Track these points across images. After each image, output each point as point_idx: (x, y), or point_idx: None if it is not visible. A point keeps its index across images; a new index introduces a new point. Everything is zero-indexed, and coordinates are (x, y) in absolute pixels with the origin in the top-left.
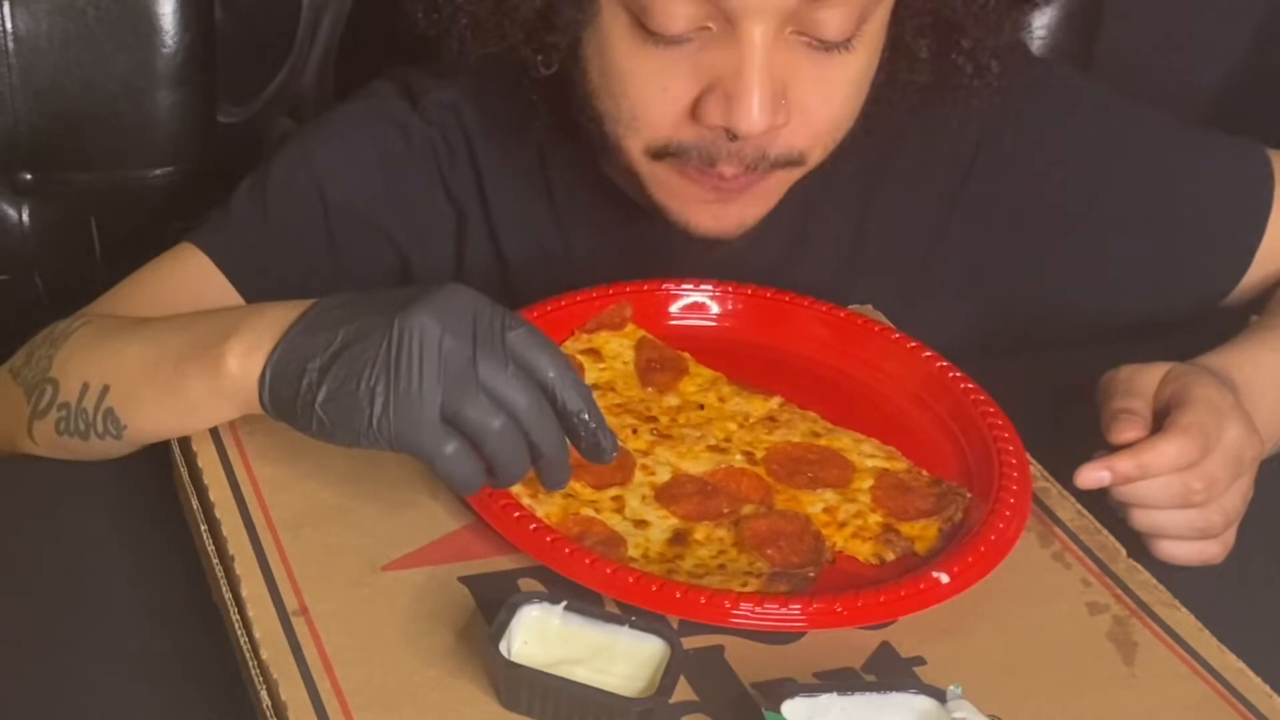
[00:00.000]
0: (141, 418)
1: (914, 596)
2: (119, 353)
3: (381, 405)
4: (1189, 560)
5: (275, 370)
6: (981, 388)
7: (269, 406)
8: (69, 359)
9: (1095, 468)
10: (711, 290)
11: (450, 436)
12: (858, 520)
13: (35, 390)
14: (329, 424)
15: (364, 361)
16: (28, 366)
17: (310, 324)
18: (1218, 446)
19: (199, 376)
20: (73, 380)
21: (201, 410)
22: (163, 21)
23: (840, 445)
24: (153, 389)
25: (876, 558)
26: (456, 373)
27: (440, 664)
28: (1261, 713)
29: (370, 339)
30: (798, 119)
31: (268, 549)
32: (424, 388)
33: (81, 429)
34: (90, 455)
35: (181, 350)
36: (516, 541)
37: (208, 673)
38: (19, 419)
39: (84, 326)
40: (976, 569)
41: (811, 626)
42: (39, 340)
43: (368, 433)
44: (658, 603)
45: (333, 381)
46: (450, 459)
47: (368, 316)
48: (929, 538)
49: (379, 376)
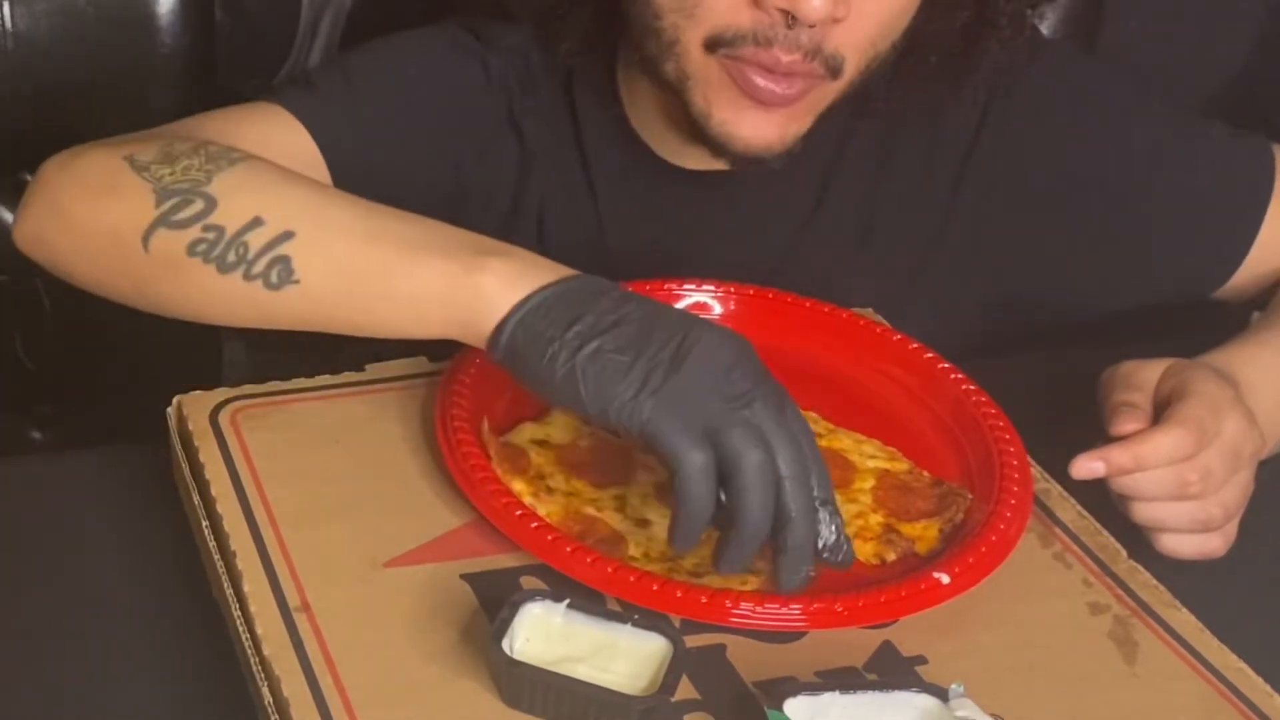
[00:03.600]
0: (328, 283)
1: (915, 597)
2: (314, 204)
3: (654, 388)
4: (1190, 554)
5: (541, 305)
6: (982, 389)
7: (505, 338)
8: (237, 184)
9: (1090, 458)
10: (714, 290)
11: (706, 449)
12: (859, 520)
13: (175, 197)
14: (582, 380)
15: (649, 338)
16: (165, 167)
17: (592, 285)
18: (1215, 440)
19: (438, 274)
20: (238, 207)
21: (408, 309)
22: (163, 21)
23: (841, 446)
24: (360, 261)
25: (877, 558)
26: (736, 397)
27: (442, 661)
28: (1263, 712)
29: (664, 324)
30: (854, 17)
31: (270, 545)
32: (701, 388)
33: (229, 260)
34: (213, 293)
35: (416, 240)
36: (519, 540)
37: (208, 669)
38: (135, 217)
39: (252, 160)
40: (977, 569)
41: (812, 626)
42: (182, 147)
43: (622, 406)
44: (659, 602)
45: (606, 342)
46: (698, 468)
47: (659, 310)
48: (930, 538)
49: (660, 360)
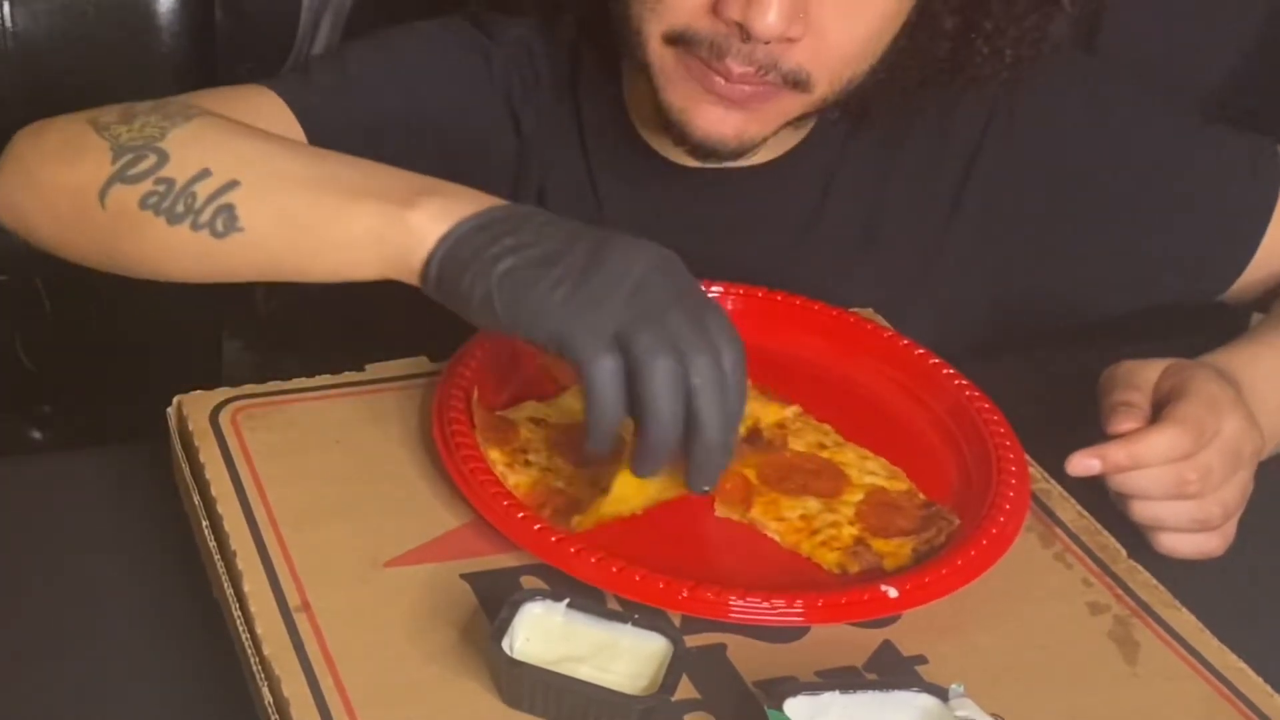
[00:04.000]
0: (269, 229)
1: (918, 591)
2: (261, 155)
3: (565, 295)
4: (1188, 553)
5: (466, 232)
6: (984, 394)
7: (434, 267)
8: (189, 138)
9: (1086, 455)
10: (720, 292)
11: (615, 354)
12: (831, 530)
13: (130, 153)
14: (497, 295)
15: (567, 252)
16: (123, 125)
17: (518, 212)
18: (1215, 439)
19: (372, 215)
20: (188, 159)
21: (345, 250)
22: (163, 21)
23: (843, 460)
24: (299, 206)
25: (839, 567)
26: (650, 304)
27: (442, 661)
28: (1263, 712)
29: (582, 240)
30: (813, 39)
31: (270, 545)
32: (612, 296)
33: (178, 211)
34: (165, 245)
35: (352, 184)
36: (520, 541)
37: (208, 669)
38: (94, 175)
39: (205, 115)
40: (978, 563)
41: (809, 622)
42: (142, 106)
43: (532, 316)
44: (663, 600)
45: (524, 258)
46: (604, 370)
47: (582, 229)
48: (901, 556)
49: (572, 271)
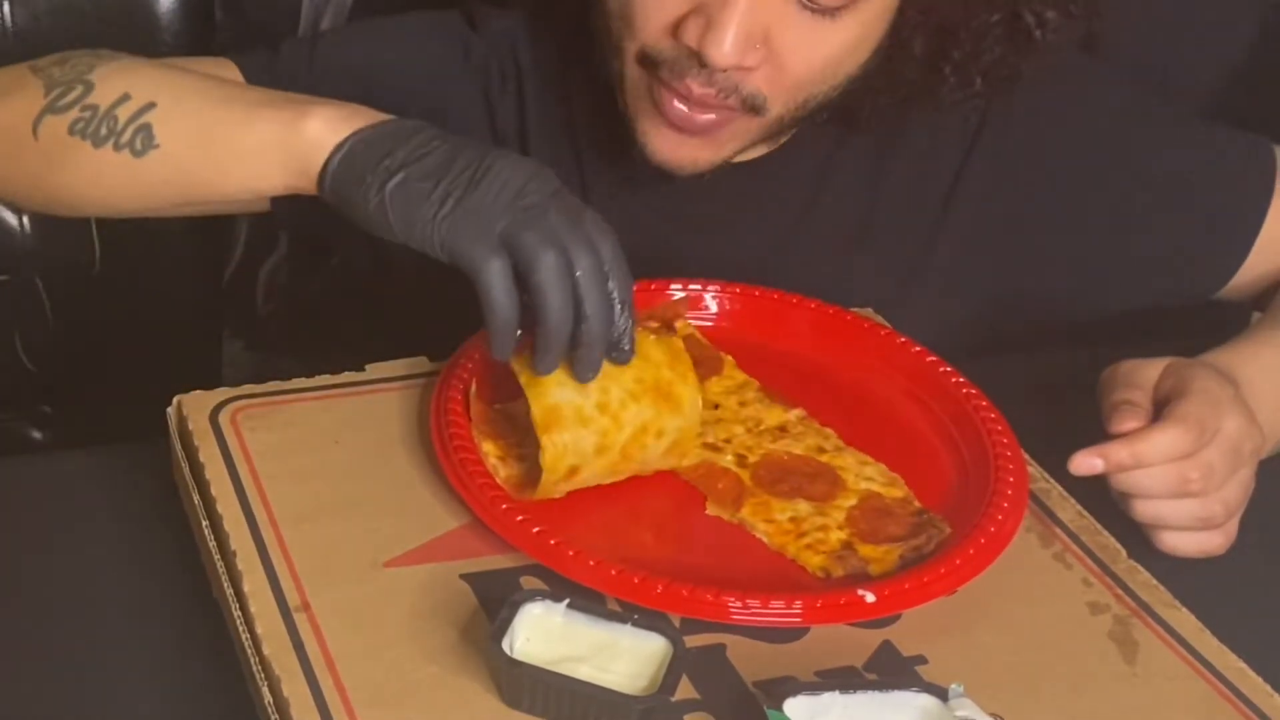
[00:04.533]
0: (182, 143)
1: (918, 589)
2: (177, 82)
3: (451, 206)
4: (1191, 551)
5: (359, 144)
6: (983, 394)
7: (332, 173)
8: (113, 72)
9: (1089, 455)
10: (717, 290)
11: (502, 254)
12: (819, 534)
13: (60, 87)
14: (390, 207)
15: (451, 166)
16: (58, 66)
17: (409, 125)
18: (1215, 437)
19: (272, 123)
20: (111, 89)
21: (251, 160)
22: (163, 21)
23: (840, 464)
24: (208, 120)
25: (823, 571)
26: (530, 207)
27: (442, 661)
28: (1263, 712)
29: (464, 153)
30: (770, 67)
31: (270, 544)
32: (495, 203)
33: (102, 134)
34: (91, 170)
35: (259, 99)
36: (519, 545)
37: (208, 669)
38: (26, 110)
39: (133, 58)
40: (976, 562)
41: (809, 622)
42: (79, 51)
43: (424, 226)
44: (662, 602)
45: (412, 171)
46: (494, 272)
47: (467, 143)
48: (888, 562)
49: (459, 183)
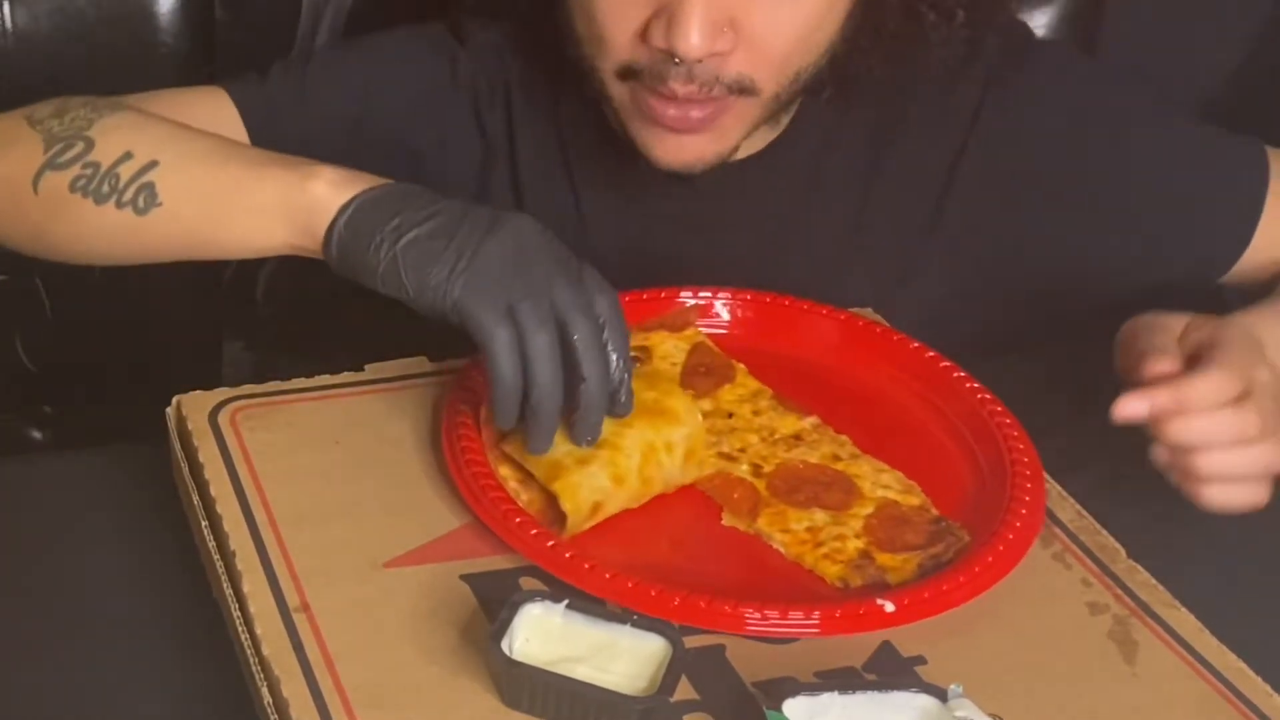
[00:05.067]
0: (185, 203)
1: (934, 600)
2: (178, 139)
3: (463, 266)
4: (1240, 504)
5: (366, 203)
6: (997, 399)
7: (338, 234)
8: (114, 126)
9: (1134, 399)
10: (728, 298)
11: (509, 325)
12: (836, 543)
13: (60, 143)
14: (403, 266)
15: (459, 225)
16: (55, 119)
17: (411, 189)
18: (1256, 385)
19: (277, 184)
20: (113, 145)
21: (255, 220)
22: (163, 21)
23: (856, 472)
24: (212, 180)
25: (841, 581)
26: (536, 274)
27: (442, 662)
28: (1262, 712)
29: (470, 216)
30: (746, 47)
31: (269, 545)
32: (503, 267)
33: (104, 192)
34: (93, 226)
35: (264, 159)
36: (517, 546)
37: (208, 669)
38: (25, 165)
39: (130, 109)
40: (990, 574)
41: (828, 633)
42: (75, 101)
43: (437, 286)
44: (680, 614)
45: (423, 231)
46: (501, 343)
47: (470, 207)
48: (907, 570)
49: (470, 243)
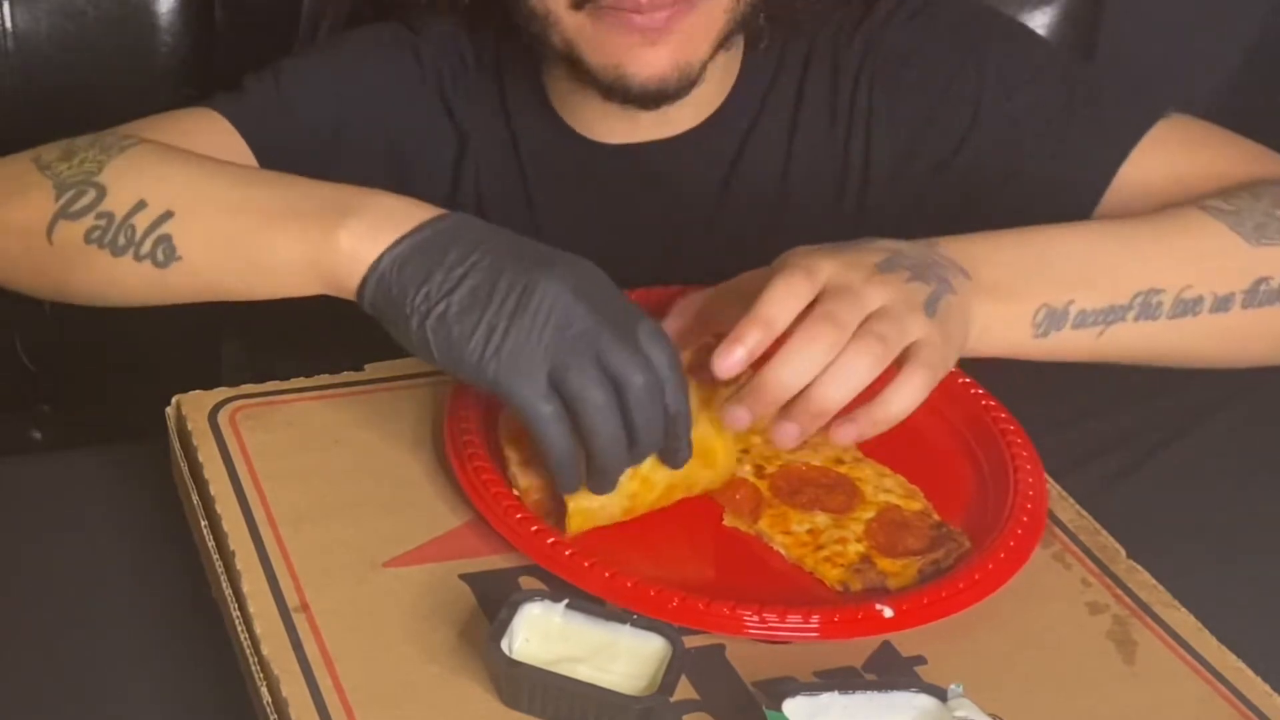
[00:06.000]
0: (206, 257)
1: (920, 610)
2: (192, 182)
3: (495, 346)
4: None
5: (393, 266)
6: (1001, 405)
7: (368, 298)
8: (124, 170)
9: (725, 351)
10: None
11: (552, 398)
12: (837, 546)
13: (72, 189)
14: (433, 345)
15: (490, 297)
16: (64, 163)
17: (443, 235)
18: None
19: (299, 239)
20: (125, 193)
21: (281, 274)
22: (163, 21)
23: (859, 475)
24: (232, 233)
25: (841, 584)
26: (575, 338)
27: (441, 661)
28: (1262, 712)
29: (504, 277)
30: None
31: (268, 545)
32: (540, 338)
33: (120, 244)
34: (111, 277)
35: (280, 207)
36: (517, 543)
37: (207, 670)
38: (39, 213)
39: (144, 144)
40: (994, 578)
41: (827, 637)
42: (81, 141)
43: (470, 368)
44: (678, 616)
45: (451, 306)
46: (547, 419)
47: (508, 256)
48: (907, 575)
49: (502, 314)
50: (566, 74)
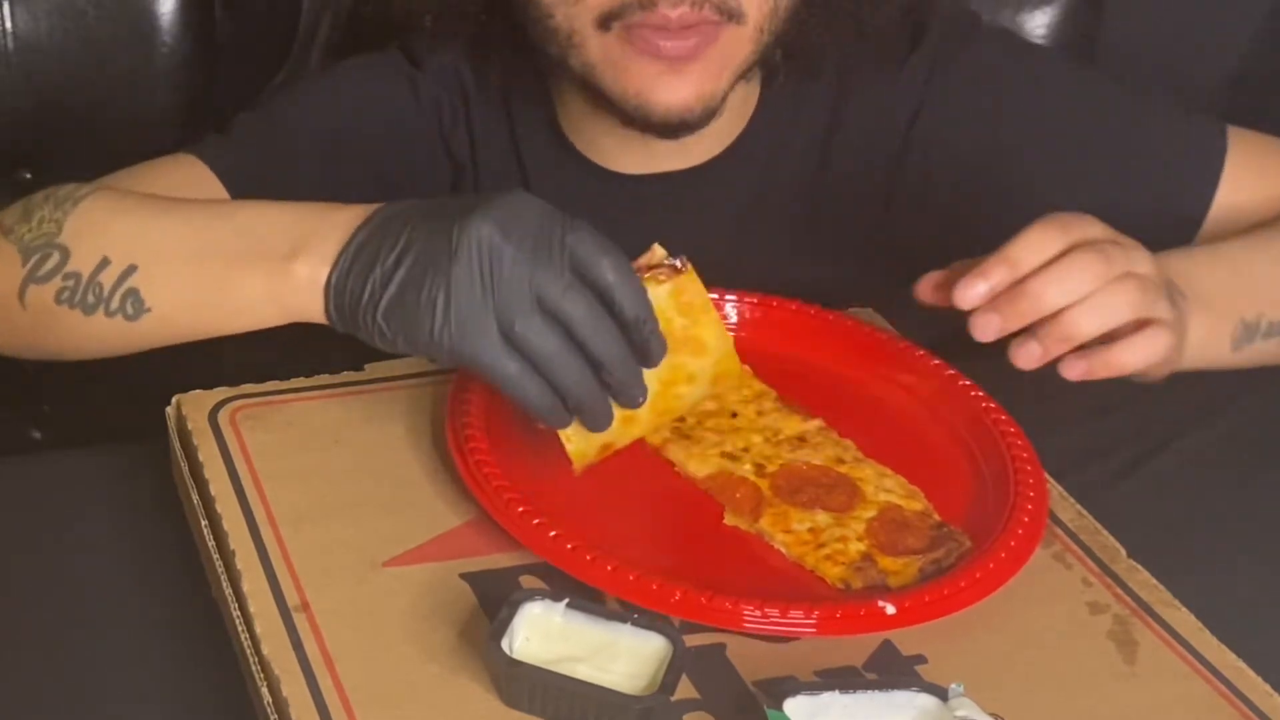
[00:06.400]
0: (174, 306)
1: (921, 608)
2: (149, 233)
3: (442, 317)
4: (1151, 355)
5: (340, 278)
6: (1001, 407)
7: (334, 315)
8: (83, 228)
9: (968, 282)
10: (734, 300)
11: (513, 356)
12: (838, 545)
13: (36, 254)
14: (390, 333)
15: (424, 269)
16: (24, 225)
17: (375, 229)
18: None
19: (259, 278)
20: (87, 251)
21: (251, 312)
22: (163, 21)
23: (860, 475)
24: (195, 281)
25: (842, 582)
26: (510, 284)
27: (442, 661)
28: (1262, 711)
29: (431, 244)
30: None
31: (269, 544)
32: (480, 300)
33: (90, 302)
34: (87, 334)
35: (237, 247)
36: (520, 537)
37: (208, 670)
38: (8, 279)
39: (95, 195)
40: (995, 577)
41: (826, 633)
42: (36, 200)
43: (430, 345)
44: (656, 601)
45: (395, 290)
46: (516, 381)
47: (431, 222)
48: (908, 574)
49: (438, 286)
50: (583, 101)
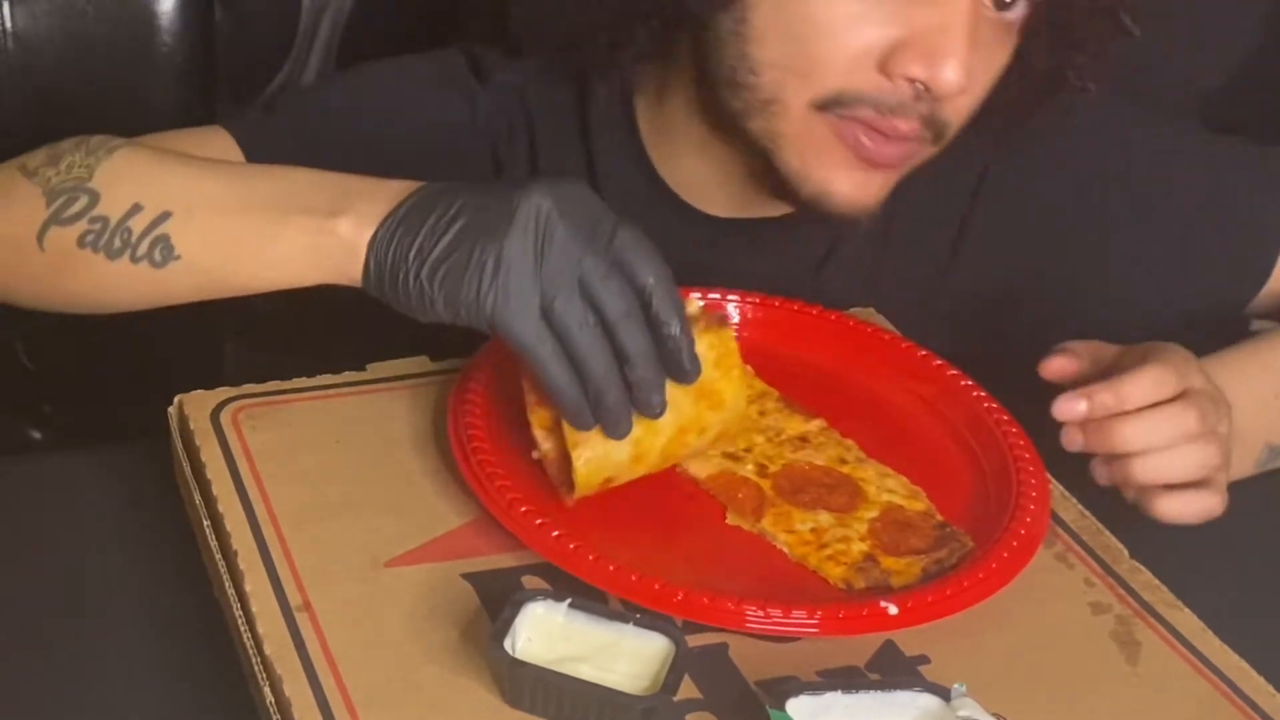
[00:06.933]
0: (206, 255)
1: (924, 608)
2: (189, 184)
3: (490, 279)
4: (1195, 514)
5: (385, 234)
6: (1003, 407)
7: (372, 274)
8: (118, 175)
9: (1072, 398)
10: (738, 300)
11: (548, 336)
12: (840, 545)
13: (63, 196)
14: (431, 292)
15: (479, 231)
16: (52, 169)
17: (425, 197)
18: (1193, 390)
19: (299, 232)
20: (119, 196)
21: (284, 265)
22: (163, 21)
23: (862, 476)
24: (232, 231)
25: (844, 582)
26: (560, 262)
27: (444, 661)
28: (1265, 712)
29: (487, 211)
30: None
31: (271, 544)
32: (531, 271)
33: (116, 247)
34: (106, 281)
35: (279, 202)
36: (522, 537)
37: (209, 670)
38: (26, 222)
39: (132, 146)
40: (998, 576)
41: (828, 633)
42: (65, 146)
43: (471, 306)
44: (659, 601)
45: (444, 248)
46: (547, 357)
47: (484, 197)
48: (911, 574)
49: (491, 251)
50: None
